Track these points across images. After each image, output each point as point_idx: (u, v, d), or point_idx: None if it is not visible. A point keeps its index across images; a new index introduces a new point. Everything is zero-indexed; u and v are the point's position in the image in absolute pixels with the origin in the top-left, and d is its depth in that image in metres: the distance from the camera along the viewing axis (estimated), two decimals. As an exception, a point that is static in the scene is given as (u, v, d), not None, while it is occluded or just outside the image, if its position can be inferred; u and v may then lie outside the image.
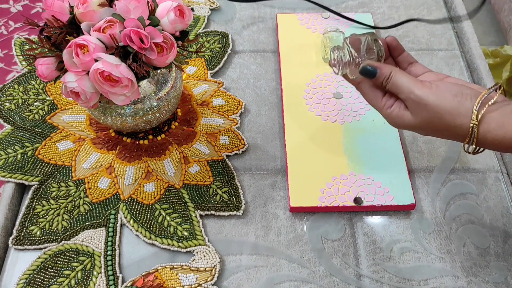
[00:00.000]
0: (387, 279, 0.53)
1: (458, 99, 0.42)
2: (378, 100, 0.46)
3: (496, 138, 0.41)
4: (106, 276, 0.52)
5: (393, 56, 0.49)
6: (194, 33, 0.75)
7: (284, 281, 0.53)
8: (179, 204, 0.57)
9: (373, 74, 0.45)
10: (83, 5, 0.46)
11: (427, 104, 0.42)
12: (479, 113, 0.41)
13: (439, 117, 0.42)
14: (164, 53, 0.47)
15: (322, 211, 0.57)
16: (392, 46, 0.48)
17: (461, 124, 0.41)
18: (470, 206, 0.59)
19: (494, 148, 0.42)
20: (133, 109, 0.55)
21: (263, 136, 0.64)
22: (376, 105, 0.47)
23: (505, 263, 0.54)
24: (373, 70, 0.45)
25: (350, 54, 0.46)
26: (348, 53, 0.46)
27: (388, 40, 0.48)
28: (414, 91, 0.43)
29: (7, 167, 0.58)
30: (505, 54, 1.13)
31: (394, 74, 0.44)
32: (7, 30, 1.66)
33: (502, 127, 0.40)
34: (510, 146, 0.40)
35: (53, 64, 0.48)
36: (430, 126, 0.43)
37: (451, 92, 0.42)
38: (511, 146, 0.40)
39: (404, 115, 0.44)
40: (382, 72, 0.45)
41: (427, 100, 0.42)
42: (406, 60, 0.49)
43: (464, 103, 0.41)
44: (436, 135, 0.44)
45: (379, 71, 0.45)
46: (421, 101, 0.42)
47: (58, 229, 0.55)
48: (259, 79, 0.70)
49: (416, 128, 0.44)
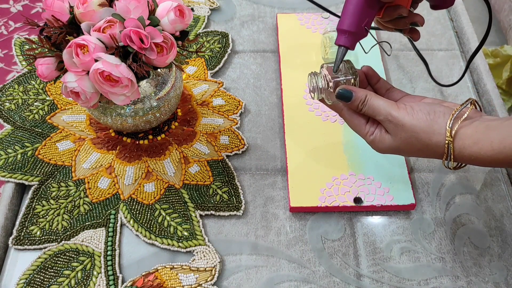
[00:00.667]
0: (387, 279, 0.53)
1: (431, 117, 0.43)
2: (362, 127, 0.47)
3: (472, 154, 0.41)
4: (106, 276, 0.52)
5: (370, 84, 0.50)
6: (194, 33, 0.75)
7: (284, 281, 0.53)
8: (179, 204, 0.57)
9: (348, 98, 0.46)
10: (83, 5, 0.46)
11: (404, 125, 0.43)
12: (452, 130, 0.41)
13: (416, 137, 0.43)
14: (164, 53, 0.47)
15: (322, 211, 0.57)
16: (369, 75, 0.50)
17: (437, 141, 0.42)
18: (470, 206, 0.59)
19: (473, 163, 0.42)
20: (133, 109, 0.55)
21: (263, 136, 0.64)
22: (360, 132, 0.48)
23: (505, 263, 0.54)
24: (348, 94, 0.46)
25: (325, 79, 0.47)
26: (324, 78, 0.48)
27: (364, 69, 0.50)
28: (391, 112, 0.44)
29: (7, 167, 0.58)
30: (505, 54, 1.13)
31: (370, 98, 0.45)
32: (7, 30, 1.66)
33: (476, 143, 0.41)
34: (488, 161, 0.41)
35: (53, 64, 0.48)
36: (410, 147, 0.44)
37: (424, 111, 0.43)
38: (488, 162, 0.41)
39: (385, 138, 0.45)
40: (357, 96, 0.45)
41: (404, 121, 0.43)
42: (384, 86, 0.50)
43: (437, 121, 0.42)
44: (418, 155, 0.45)
45: (355, 95, 0.45)
46: (398, 122, 0.43)
47: (58, 229, 0.55)
48: (259, 79, 0.70)
49: (398, 150, 0.45)
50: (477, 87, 0.71)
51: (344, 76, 0.47)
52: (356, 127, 0.48)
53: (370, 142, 0.47)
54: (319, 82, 0.48)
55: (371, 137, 0.46)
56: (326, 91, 0.48)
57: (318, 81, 0.48)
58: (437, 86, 0.70)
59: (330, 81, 0.47)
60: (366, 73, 0.50)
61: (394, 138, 0.44)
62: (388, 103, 0.44)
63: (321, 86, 0.48)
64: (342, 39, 0.47)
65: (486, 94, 0.68)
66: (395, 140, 0.44)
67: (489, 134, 0.40)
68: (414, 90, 0.70)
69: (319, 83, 0.48)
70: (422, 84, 0.71)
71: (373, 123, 0.47)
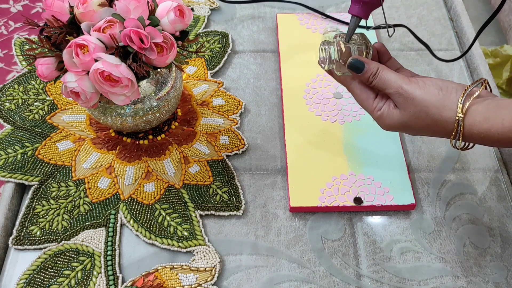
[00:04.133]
0: (387, 279, 0.53)
1: (443, 92, 0.42)
2: (369, 102, 0.47)
3: (482, 131, 0.41)
4: (106, 276, 0.52)
5: (381, 62, 0.50)
6: (194, 33, 0.75)
7: (284, 281, 0.53)
8: (179, 204, 0.57)
9: (360, 69, 0.45)
10: (83, 5, 0.46)
11: (414, 98, 0.43)
12: (464, 106, 0.41)
13: (426, 111, 0.42)
14: (164, 53, 0.47)
15: (322, 211, 0.57)
16: (381, 51, 0.49)
17: (447, 117, 0.42)
18: (470, 206, 0.59)
19: (480, 141, 0.42)
20: (133, 109, 0.55)
21: (263, 136, 0.64)
22: (368, 107, 0.47)
23: (505, 263, 0.54)
24: (360, 65, 0.45)
25: (337, 48, 0.47)
26: (337, 48, 0.47)
27: (376, 45, 0.49)
28: (402, 85, 0.43)
29: (7, 167, 0.58)
30: (505, 54, 1.13)
31: (381, 70, 0.45)
32: (7, 30, 1.66)
33: (487, 120, 0.41)
34: (496, 140, 0.41)
35: (53, 64, 0.48)
36: (418, 122, 0.44)
37: (437, 86, 0.43)
38: (496, 140, 0.41)
39: (393, 113, 0.45)
40: (369, 67, 0.45)
41: (414, 94, 0.43)
42: (393, 65, 0.49)
43: (449, 97, 0.42)
44: (425, 133, 0.45)
45: (367, 66, 0.45)
46: (408, 96, 0.43)
47: (58, 229, 0.55)
48: (259, 79, 0.70)
49: (405, 126, 0.45)
50: (477, 87, 0.71)
51: (358, 48, 0.46)
52: (364, 102, 0.47)
53: (377, 118, 0.46)
54: (331, 52, 0.47)
55: (378, 113, 0.46)
56: (337, 62, 0.47)
57: (330, 51, 0.47)
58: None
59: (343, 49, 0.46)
60: (379, 50, 0.49)
61: (403, 112, 0.44)
62: (400, 76, 0.44)
63: (333, 56, 0.47)
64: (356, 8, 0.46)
65: (486, 94, 0.68)
66: (403, 114, 0.44)
67: (500, 112, 0.40)
68: (414, 90, 0.70)
69: (332, 53, 0.47)
70: (422, 84, 0.71)
71: (382, 99, 0.46)
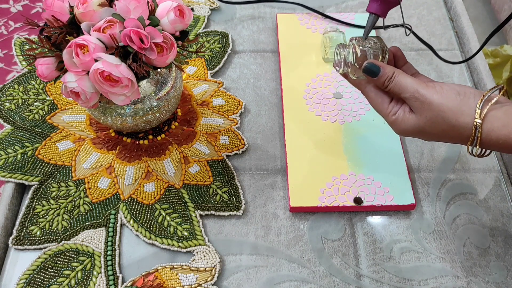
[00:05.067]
0: (387, 279, 0.53)
1: (461, 97, 0.42)
2: (384, 106, 0.46)
3: (500, 137, 0.40)
4: (106, 276, 0.52)
5: (397, 66, 0.49)
6: (194, 33, 0.75)
7: (284, 281, 0.53)
8: (179, 204, 0.57)
9: (375, 73, 0.45)
10: (83, 5, 0.46)
11: (431, 103, 0.42)
12: (482, 112, 0.41)
13: (442, 116, 0.42)
14: (164, 53, 0.47)
15: (322, 211, 0.57)
16: (397, 56, 0.49)
17: (464, 123, 0.41)
18: (470, 206, 0.59)
19: (498, 148, 0.41)
20: (133, 109, 0.55)
21: (263, 136, 0.64)
22: (382, 111, 0.46)
23: (505, 263, 0.54)
24: (376, 69, 0.45)
25: (353, 51, 0.46)
26: (352, 51, 0.47)
27: (392, 49, 0.48)
28: (418, 90, 0.43)
29: (7, 167, 0.58)
30: (505, 54, 1.13)
31: (397, 74, 0.44)
32: (7, 30, 1.66)
33: (506, 126, 0.40)
34: None
35: (53, 64, 0.48)
36: (434, 127, 0.43)
37: (454, 91, 0.42)
38: None
39: (409, 118, 0.44)
40: (385, 72, 0.45)
41: (431, 99, 0.42)
42: (409, 70, 0.49)
43: (467, 102, 0.42)
44: (441, 139, 0.44)
45: (382, 70, 0.45)
46: (425, 100, 0.42)
47: (58, 229, 0.55)
48: (259, 79, 0.70)
49: (421, 131, 0.44)
50: (477, 87, 0.71)
51: (373, 52, 0.46)
52: (378, 106, 0.46)
53: (392, 122, 0.46)
54: (347, 55, 0.46)
55: (393, 117, 0.45)
56: (352, 65, 0.46)
57: (346, 54, 0.47)
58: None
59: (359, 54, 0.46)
60: (395, 54, 0.48)
61: (419, 117, 0.43)
62: (416, 80, 0.44)
63: (348, 59, 0.46)
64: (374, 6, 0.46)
65: (486, 94, 0.68)
66: (419, 119, 0.43)
67: None
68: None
69: (348, 56, 0.46)
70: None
71: (397, 103, 0.45)
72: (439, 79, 0.71)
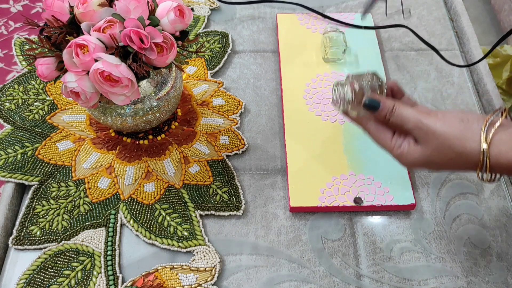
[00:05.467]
0: (387, 279, 0.53)
1: (465, 124, 0.41)
2: (387, 141, 0.45)
3: (511, 160, 0.39)
4: (106, 276, 0.52)
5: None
6: (194, 33, 0.75)
7: (284, 281, 0.53)
8: (179, 204, 0.57)
9: (375, 107, 0.45)
10: (83, 5, 0.46)
11: (435, 131, 0.42)
12: (488, 136, 0.40)
13: (448, 144, 0.41)
14: (164, 53, 0.47)
15: (322, 211, 0.57)
16: (394, 90, 0.48)
17: (470, 149, 0.41)
18: (470, 206, 0.59)
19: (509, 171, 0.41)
20: (133, 109, 0.55)
21: (263, 136, 0.64)
22: (386, 146, 0.46)
23: (505, 263, 0.54)
24: (376, 103, 0.45)
25: (352, 89, 0.46)
26: (351, 89, 0.46)
27: (389, 84, 0.48)
28: (421, 119, 0.42)
29: (7, 167, 0.58)
30: (505, 54, 1.13)
31: (398, 107, 0.44)
32: (7, 30, 1.66)
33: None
34: None
35: (53, 64, 0.48)
36: (442, 156, 0.42)
37: (457, 118, 0.42)
38: None
39: (415, 150, 0.43)
40: (385, 105, 0.44)
41: (435, 127, 0.42)
42: (408, 102, 0.48)
43: (470, 127, 0.41)
44: (449, 167, 0.43)
45: (382, 104, 0.44)
46: (429, 129, 0.42)
47: (58, 229, 0.55)
48: (259, 79, 0.70)
49: (429, 161, 0.43)
50: (477, 87, 0.71)
51: (371, 87, 0.46)
52: (382, 141, 0.46)
53: (398, 156, 0.45)
54: (346, 93, 0.46)
55: (399, 150, 0.44)
56: (351, 102, 0.46)
57: (345, 92, 0.47)
58: (437, 86, 0.70)
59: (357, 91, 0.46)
60: (392, 88, 0.48)
61: (425, 147, 0.43)
62: (417, 111, 0.43)
63: (347, 97, 0.46)
64: None
65: (486, 94, 0.68)
66: (425, 149, 0.43)
67: None
68: (414, 90, 0.70)
69: (346, 94, 0.46)
70: (422, 84, 0.71)
71: (400, 136, 0.45)
72: (440, 79, 0.71)
